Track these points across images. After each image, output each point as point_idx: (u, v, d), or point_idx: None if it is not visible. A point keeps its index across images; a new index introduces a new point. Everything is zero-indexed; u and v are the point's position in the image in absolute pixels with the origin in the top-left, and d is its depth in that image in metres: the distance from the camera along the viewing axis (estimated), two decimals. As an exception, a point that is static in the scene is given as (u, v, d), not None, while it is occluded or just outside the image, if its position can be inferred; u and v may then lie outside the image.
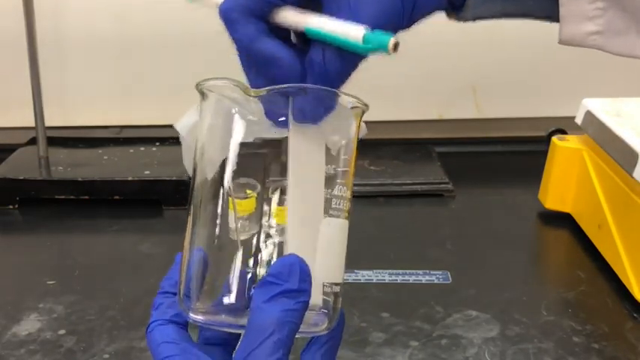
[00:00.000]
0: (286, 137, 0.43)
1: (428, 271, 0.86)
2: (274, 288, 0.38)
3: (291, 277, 0.38)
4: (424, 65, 1.17)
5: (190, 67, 1.17)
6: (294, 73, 0.41)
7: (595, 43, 0.44)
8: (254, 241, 0.49)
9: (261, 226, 0.50)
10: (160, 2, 1.15)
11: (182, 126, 0.87)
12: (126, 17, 1.16)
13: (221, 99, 0.42)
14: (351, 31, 0.38)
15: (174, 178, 1.01)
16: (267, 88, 0.40)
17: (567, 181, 0.96)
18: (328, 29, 0.39)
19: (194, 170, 0.44)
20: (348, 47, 0.39)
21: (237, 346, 0.38)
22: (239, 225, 0.81)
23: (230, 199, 0.96)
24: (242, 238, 0.75)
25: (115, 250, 0.93)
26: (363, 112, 0.44)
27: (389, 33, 0.38)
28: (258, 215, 0.76)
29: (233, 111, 0.42)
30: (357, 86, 0.50)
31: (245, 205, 0.97)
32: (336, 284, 0.43)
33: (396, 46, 0.38)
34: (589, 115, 0.92)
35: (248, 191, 1.02)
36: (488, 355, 0.72)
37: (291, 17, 0.41)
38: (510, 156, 1.21)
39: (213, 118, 0.43)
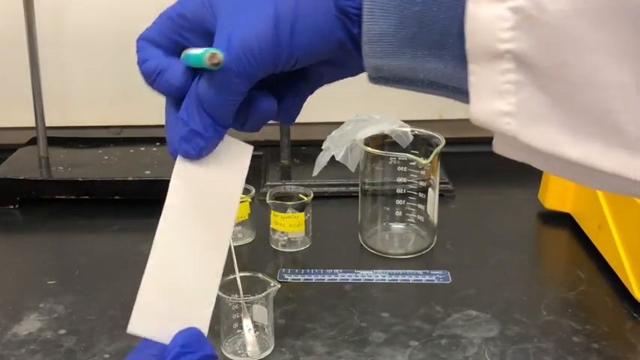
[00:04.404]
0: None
1: (428, 271, 0.86)
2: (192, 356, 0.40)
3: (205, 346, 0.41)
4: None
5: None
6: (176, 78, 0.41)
7: (509, 127, 0.34)
8: None
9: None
10: (160, 3, 1.15)
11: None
12: (126, 17, 1.16)
13: None
14: (198, 50, 0.39)
15: (174, 178, 1.01)
16: None
17: (567, 181, 0.96)
18: (190, 52, 0.40)
19: None
20: (192, 62, 0.40)
21: None
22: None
23: None
24: (235, 244, 0.75)
25: (115, 250, 0.93)
26: None
27: (212, 48, 0.38)
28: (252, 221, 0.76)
29: None
30: (357, 86, 0.50)
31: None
32: None
33: (212, 58, 0.37)
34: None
35: (241, 195, 1.01)
36: (488, 355, 0.72)
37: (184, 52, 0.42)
38: (510, 156, 1.21)
39: None
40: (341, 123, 0.93)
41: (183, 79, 0.41)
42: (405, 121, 0.93)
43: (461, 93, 0.36)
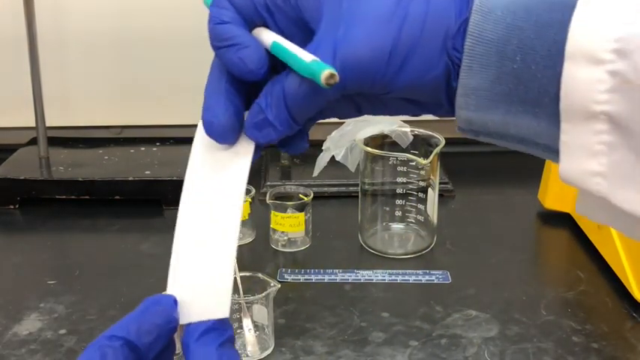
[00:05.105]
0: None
1: (428, 271, 0.87)
2: (223, 334, 0.39)
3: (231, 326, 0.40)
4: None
5: (190, 67, 1.17)
6: (257, 56, 0.38)
7: (599, 188, 0.34)
8: None
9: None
10: (160, 3, 1.15)
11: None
12: (126, 18, 1.16)
13: None
14: (305, 55, 0.37)
15: (174, 178, 1.01)
16: None
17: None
18: (289, 47, 0.38)
19: None
20: (295, 65, 0.37)
21: None
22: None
23: None
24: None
25: (116, 250, 0.93)
26: None
27: (329, 66, 0.35)
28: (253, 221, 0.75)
29: None
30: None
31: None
32: None
33: (330, 79, 0.35)
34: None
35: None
36: (487, 355, 0.72)
37: (267, 33, 0.40)
38: (510, 156, 1.20)
39: None
40: (341, 123, 0.93)
41: (259, 65, 0.39)
42: (405, 121, 0.93)
43: (551, 151, 0.36)
